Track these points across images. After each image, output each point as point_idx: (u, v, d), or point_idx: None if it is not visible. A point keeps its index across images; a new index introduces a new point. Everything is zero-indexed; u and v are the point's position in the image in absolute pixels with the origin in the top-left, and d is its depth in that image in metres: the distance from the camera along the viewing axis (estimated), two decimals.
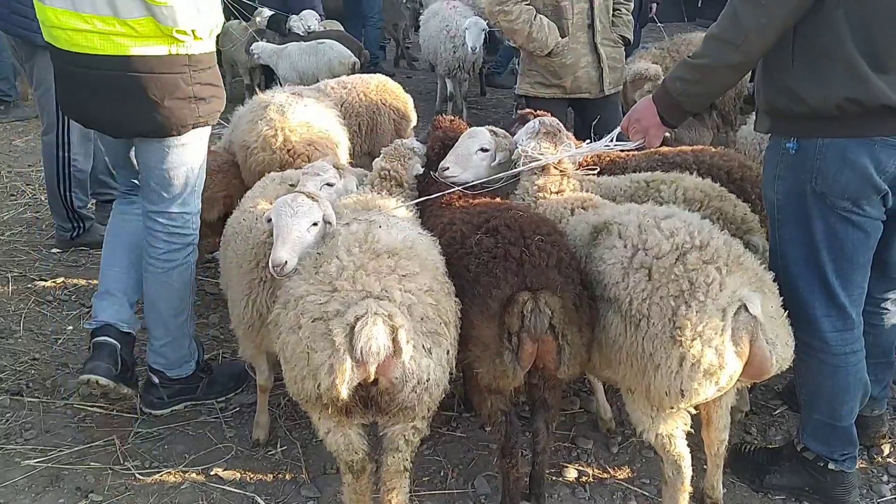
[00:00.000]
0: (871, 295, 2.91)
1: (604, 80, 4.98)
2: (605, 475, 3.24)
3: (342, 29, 9.80)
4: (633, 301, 2.55)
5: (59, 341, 4.21)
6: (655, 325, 2.48)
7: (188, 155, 3.37)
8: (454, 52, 8.45)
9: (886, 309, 3.08)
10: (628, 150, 3.30)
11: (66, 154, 5.14)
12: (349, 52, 7.76)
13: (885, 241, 2.81)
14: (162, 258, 3.47)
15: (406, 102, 5.62)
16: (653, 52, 7.12)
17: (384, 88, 5.56)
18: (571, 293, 2.56)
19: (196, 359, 3.69)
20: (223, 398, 3.74)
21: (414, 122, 5.68)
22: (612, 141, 3.12)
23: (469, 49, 8.11)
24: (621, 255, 2.62)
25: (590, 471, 3.26)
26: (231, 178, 4.41)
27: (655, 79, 5.82)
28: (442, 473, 3.26)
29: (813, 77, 2.58)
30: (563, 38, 4.82)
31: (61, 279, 4.91)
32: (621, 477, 3.23)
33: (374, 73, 7.59)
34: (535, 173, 3.20)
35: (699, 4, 15.51)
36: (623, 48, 5.22)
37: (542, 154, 3.24)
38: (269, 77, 8.72)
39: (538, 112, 3.82)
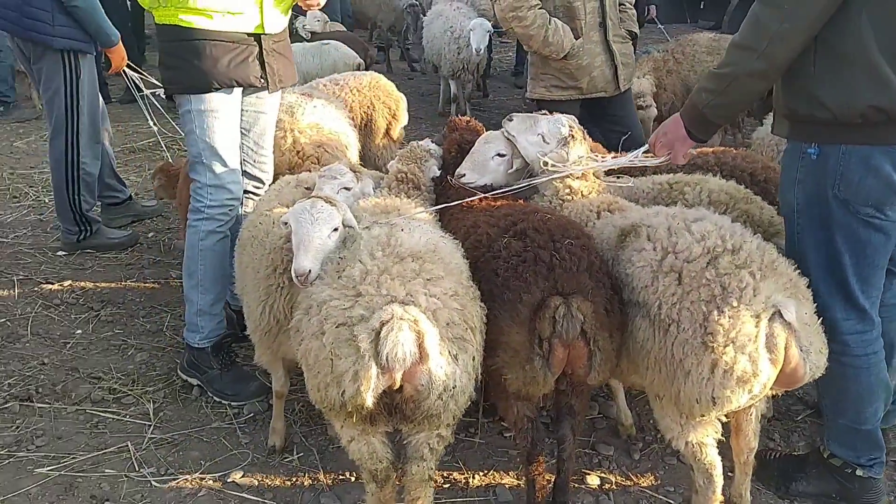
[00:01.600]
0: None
1: (619, 77, 4.95)
2: (629, 482, 3.19)
3: (345, 30, 9.78)
4: (663, 305, 2.50)
5: (69, 345, 4.15)
6: (686, 330, 2.44)
7: (189, 121, 3.58)
8: (458, 54, 8.42)
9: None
10: (654, 166, 3.21)
11: (75, 157, 5.12)
12: (354, 53, 7.72)
13: None
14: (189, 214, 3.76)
15: (398, 101, 5.52)
16: (654, 55, 7.08)
17: (377, 86, 5.46)
18: (602, 298, 2.51)
19: (206, 336, 3.75)
20: (235, 404, 3.68)
21: (405, 122, 5.56)
22: (637, 156, 3.04)
23: (474, 50, 8.08)
24: (650, 258, 2.58)
25: (612, 478, 3.21)
26: None
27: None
28: (462, 480, 3.20)
29: (836, 83, 2.53)
30: (577, 39, 4.78)
31: (68, 282, 4.85)
32: (645, 484, 3.18)
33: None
34: (570, 176, 3.13)
35: (701, 6, 15.50)
36: (631, 43, 5.21)
37: (569, 163, 3.15)
38: None
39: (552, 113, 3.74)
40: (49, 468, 3.20)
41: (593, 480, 3.18)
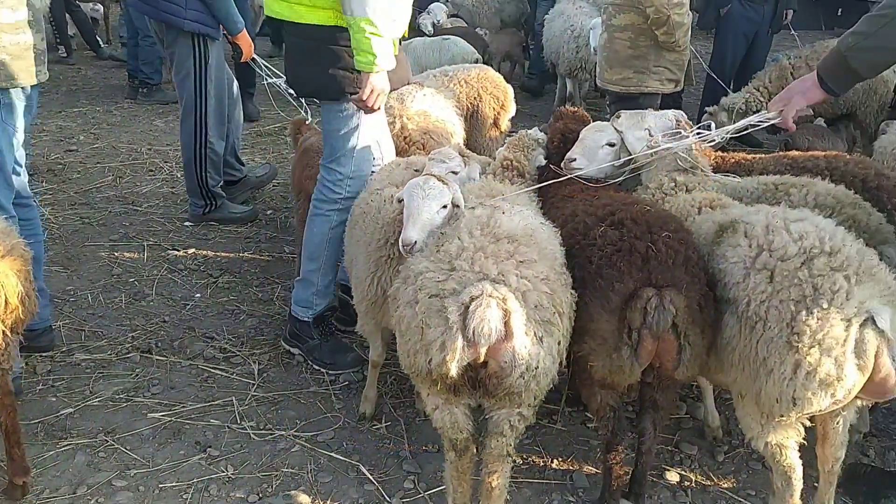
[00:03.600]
0: None
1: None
2: (709, 482, 3.18)
3: (466, 25, 9.92)
4: (752, 302, 2.49)
5: (188, 307, 4.49)
6: (772, 328, 2.42)
7: (346, 121, 3.63)
8: (577, 52, 8.43)
9: None
10: (764, 126, 3.14)
11: (203, 137, 5.46)
12: (472, 48, 7.86)
13: None
14: (314, 201, 3.82)
15: (506, 91, 5.51)
16: (783, 62, 6.82)
17: (485, 77, 5.47)
18: (697, 293, 2.53)
19: (316, 312, 3.91)
20: (332, 372, 3.88)
21: (512, 113, 5.55)
22: (748, 122, 3.01)
23: (592, 48, 8.05)
24: (744, 255, 2.57)
25: (692, 476, 3.20)
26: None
27: None
28: (541, 463, 3.28)
29: None
30: None
31: (192, 250, 5.23)
32: (725, 486, 3.15)
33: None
34: (678, 169, 3.14)
35: (838, 13, 14.73)
36: None
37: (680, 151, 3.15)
38: None
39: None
40: (161, 413, 3.50)
41: (672, 476, 3.19)
